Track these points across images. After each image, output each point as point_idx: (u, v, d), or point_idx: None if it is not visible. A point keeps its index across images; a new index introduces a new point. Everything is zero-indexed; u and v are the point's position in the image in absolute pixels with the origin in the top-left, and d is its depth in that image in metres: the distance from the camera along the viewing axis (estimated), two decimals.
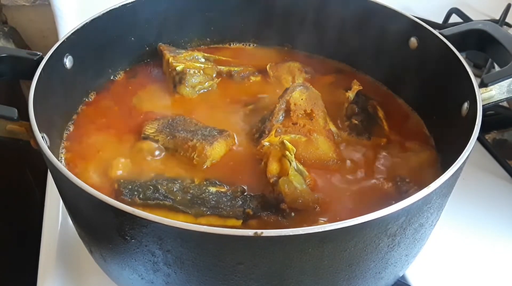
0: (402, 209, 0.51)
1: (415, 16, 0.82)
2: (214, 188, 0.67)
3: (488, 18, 1.25)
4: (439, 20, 1.23)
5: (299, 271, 0.52)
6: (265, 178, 0.67)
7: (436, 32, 0.77)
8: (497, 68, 0.84)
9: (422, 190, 0.53)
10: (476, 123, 0.62)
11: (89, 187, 0.52)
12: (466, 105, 0.68)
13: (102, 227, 0.57)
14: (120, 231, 0.52)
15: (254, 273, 0.51)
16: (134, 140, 0.75)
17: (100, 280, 0.71)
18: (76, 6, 1.22)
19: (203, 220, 0.63)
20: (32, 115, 0.60)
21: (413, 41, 0.81)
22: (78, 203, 0.59)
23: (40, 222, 0.83)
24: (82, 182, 0.52)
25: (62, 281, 0.74)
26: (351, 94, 0.81)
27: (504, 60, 0.69)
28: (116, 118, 0.80)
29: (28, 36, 1.37)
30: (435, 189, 0.53)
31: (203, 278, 0.53)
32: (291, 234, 0.47)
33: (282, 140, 0.69)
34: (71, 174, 0.53)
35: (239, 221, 0.64)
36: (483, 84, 0.68)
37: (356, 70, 0.92)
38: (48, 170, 0.82)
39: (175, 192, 0.66)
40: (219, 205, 0.65)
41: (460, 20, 1.22)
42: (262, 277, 0.52)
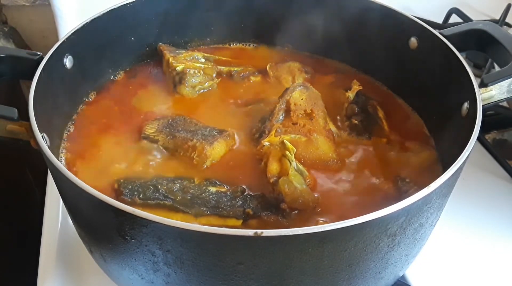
0: (402, 209, 0.51)
1: (415, 16, 0.82)
2: (214, 188, 0.67)
3: (488, 18, 1.25)
4: (439, 20, 1.23)
5: (299, 271, 0.52)
6: (265, 178, 0.67)
7: (436, 32, 0.77)
8: (497, 68, 0.84)
9: (422, 190, 0.52)
10: (476, 123, 0.62)
11: (89, 187, 0.52)
12: (466, 105, 0.68)
13: (102, 227, 0.57)
14: (120, 231, 0.52)
15: (254, 273, 0.51)
16: (134, 140, 0.75)
17: (100, 280, 0.71)
18: (76, 6, 1.22)
19: (203, 220, 0.63)
20: (32, 115, 0.60)
21: (413, 41, 0.81)
22: (78, 203, 0.59)
23: (40, 222, 0.83)
24: (82, 182, 0.52)
25: (62, 281, 0.74)
26: (351, 94, 0.82)
27: (504, 60, 0.69)
28: (116, 118, 0.80)
29: (28, 36, 1.37)
30: (435, 189, 0.53)
31: (203, 278, 0.53)
32: (291, 234, 0.47)
33: (282, 140, 0.69)
34: (71, 174, 0.53)
35: (239, 221, 0.64)
36: (483, 84, 0.67)
37: (356, 70, 0.92)
38: (48, 170, 0.82)
39: (175, 192, 0.66)
40: (219, 205, 0.65)
41: (460, 20, 1.22)
42: (262, 277, 0.52)
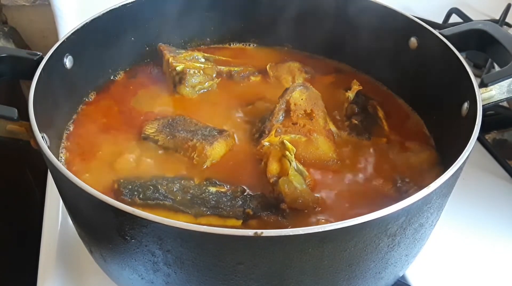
0: (402, 209, 0.51)
1: (415, 16, 0.82)
2: (214, 188, 0.67)
3: (488, 18, 1.25)
4: (439, 20, 1.23)
5: (299, 271, 0.52)
6: (265, 178, 0.67)
7: (436, 32, 0.77)
8: (497, 68, 0.84)
9: (422, 190, 0.53)
10: (476, 123, 0.62)
11: (89, 187, 0.52)
12: (466, 105, 0.68)
13: (102, 227, 0.57)
14: (120, 231, 0.52)
15: (254, 273, 0.51)
16: (134, 140, 0.75)
17: (100, 280, 0.71)
18: (76, 6, 1.22)
19: (203, 220, 0.63)
20: (32, 115, 0.60)
21: (413, 41, 0.81)
22: (78, 203, 0.59)
23: (40, 222, 0.83)
24: (82, 182, 0.52)
25: (62, 281, 0.74)
26: (351, 94, 0.82)
27: (504, 60, 0.69)
28: (116, 118, 0.80)
29: (28, 36, 1.37)
30: (435, 189, 0.53)
31: (203, 278, 0.53)
32: (291, 234, 0.47)
33: (282, 140, 0.69)
34: (71, 174, 0.53)
35: (239, 221, 0.64)
36: (483, 84, 0.68)
37: (356, 70, 0.92)
38: (48, 170, 0.82)
39: (175, 192, 0.66)
40: (219, 205, 0.65)
41: (460, 20, 1.22)
42: (262, 277, 0.52)
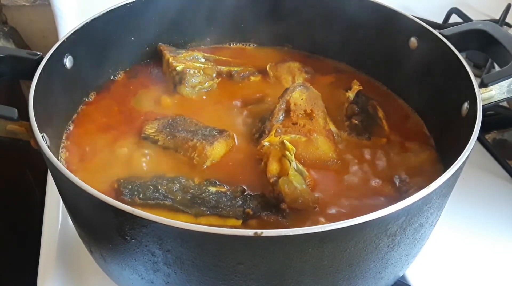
0: (402, 209, 0.51)
1: (415, 16, 0.82)
2: (214, 188, 0.67)
3: (488, 18, 1.25)
4: (439, 20, 1.23)
5: (299, 271, 0.52)
6: (265, 178, 0.67)
7: (436, 32, 0.77)
8: (497, 68, 0.84)
9: (422, 190, 0.53)
10: (476, 123, 0.62)
11: (89, 187, 0.52)
12: (466, 105, 0.68)
13: (102, 227, 0.57)
14: (120, 231, 0.52)
15: (254, 273, 0.51)
16: (134, 140, 0.75)
17: (100, 280, 0.71)
18: (76, 6, 1.22)
19: (203, 220, 0.63)
20: (32, 115, 0.60)
21: (413, 41, 0.81)
22: (78, 203, 0.59)
23: (40, 222, 0.83)
24: (82, 182, 0.52)
25: (62, 281, 0.74)
26: (351, 94, 0.81)
27: (504, 60, 0.69)
28: (116, 118, 0.80)
29: (28, 36, 1.37)
30: (435, 189, 0.53)
31: (203, 278, 0.53)
32: (291, 234, 0.47)
33: (282, 140, 0.69)
34: (71, 174, 0.53)
35: (239, 221, 0.64)
36: (483, 84, 0.68)
37: (356, 70, 0.92)
38: (48, 170, 0.82)
39: (175, 192, 0.66)
40: (219, 205, 0.65)
41: (460, 20, 1.22)
42: (262, 277, 0.52)
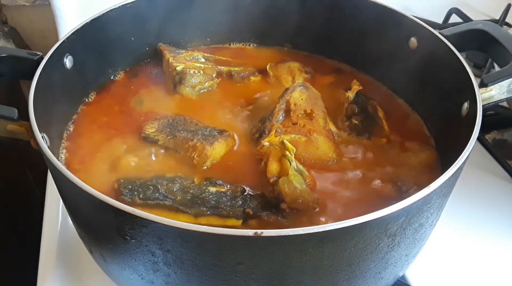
0: (402, 209, 0.51)
1: (415, 16, 0.82)
2: (214, 188, 0.67)
3: (488, 18, 1.25)
4: (439, 20, 1.23)
5: (299, 271, 0.52)
6: (265, 178, 0.67)
7: (436, 32, 0.77)
8: (497, 68, 0.84)
9: (422, 190, 0.53)
10: (476, 123, 0.62)
11: (89, 187, 0.52)
12: (466, 105, 0.68)
13: (102, 227, 0.57)
14: (120, 231, 0.52)
15: (254, 273, 0.51)
16: (134, 140, 0.75)
17: (100, 280, 0.71)
18: (76, 6, 1.22)
19: (203, 220, 0.63)
20: (32, 115, 0.60)
21: (413, 41, 0.81)
22: (78, 203, 0.59)
23: (40, 222, 0.83)
24: (82, 182, 0.52)
25: (62, 281, 0.74)
26: (351, 94, 0.81)
27: (504, 60, 0.69)
28: (116, 118, 0.80)
29: (28, 36, 1.36)
30: (435, 189, 0.53)
31: (203, 278, 0.53)
32: (291, 234, 0.47)
33: (282, 140, 0.69)
34: (71, 174, 0.53)
35: (239, 221, 0.64)
36: (483, 84, 0.68)
37: (356, 70, 0.92)
38: (48, 170, 0.82)
39: (175, 192, 0.66)
40: (219, 205, 0.65)
41: (460, 20, 1.22)
42: (262, 277, 0.52)
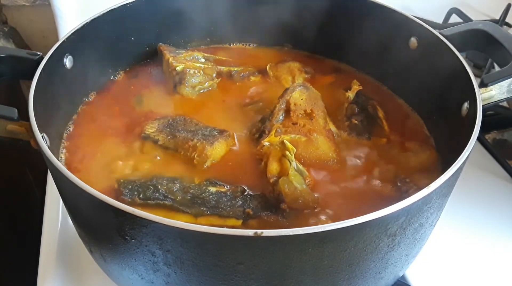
0: (402, 209, 0.51)
1: (415, 16, 0.82)
2: (214, 188, 0.67)
3: (488, 18, 1.25)
4: (439, 20, 1.23)
5: (299, 271, 0.52)
6: (265, 178, 0.67)
7: (436, 32, 0.77)
8: (497, 68, 0.84)
9: (422, 190, 0.53)
10: (476, 123, 0.62)
11: (89, 187, 0.52)
12: (466, 105, 0.68)
13: (102, 227, 0.57)
14: (120, 231, 0.52)
15: (254, 273, 0.51)
16: (134, 140, 0.75)
17: (100, 280, 0.71)
18: (76, 6, 1.22)
19: (203, 220, 0.63)
20: (32, 115, 0.60)
21: (413, 41, 0.81)
22: (78, 203, 0.59)
23: (40, 222, 0.83)
24: (82, 182, 0.52)
25: (62, 281, 0.74)
26: (351, 94, 0.82)
27: (504, 60, 0.69)
28: (116, 118, 0.80)
29: (28, 36, 1.36)
30: (435, 189, 0.53)
31: (203, 278, 0.53)
32: (291, 234, 0.47)
33: (282, 140, 0.69)
34: (71, 174, 0.53)
35: (239, 221, 0.64)
36: (483, 84, 0.68)
37: (356, 70, 0.92)
38: (48, 170, 0.82)
39: (175, 192, 0.66)
40: (219, 205, 0.65)
41: (460, 20, 1.22)
42: (262, 277, 0.52)
